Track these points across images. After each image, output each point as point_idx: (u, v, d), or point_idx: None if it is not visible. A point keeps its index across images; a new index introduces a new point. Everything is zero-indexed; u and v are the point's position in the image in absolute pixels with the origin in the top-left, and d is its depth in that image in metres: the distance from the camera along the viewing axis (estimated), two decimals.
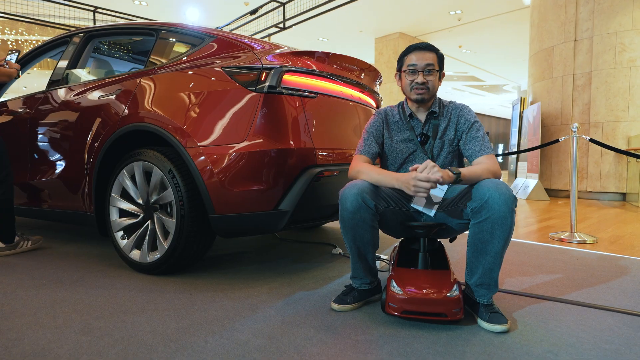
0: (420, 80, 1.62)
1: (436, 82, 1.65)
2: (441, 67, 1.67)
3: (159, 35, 2.32)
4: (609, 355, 1.25)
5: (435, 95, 1.70)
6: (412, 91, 1.65)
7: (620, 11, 5.95)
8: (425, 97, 1.65)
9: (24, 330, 1.38)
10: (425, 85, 1.62)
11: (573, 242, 3.02)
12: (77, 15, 8.83)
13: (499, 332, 1.39)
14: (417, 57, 1.63)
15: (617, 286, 1.95)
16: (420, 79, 1.62)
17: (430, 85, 1.63)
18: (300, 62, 2.00)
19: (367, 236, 1.52)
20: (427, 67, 1.62)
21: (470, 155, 1.63)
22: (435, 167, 1.41)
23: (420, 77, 1.62)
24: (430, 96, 1.66)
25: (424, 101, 1.66)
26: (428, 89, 1.63)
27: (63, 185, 2.49)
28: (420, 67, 1.62)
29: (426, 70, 1.62)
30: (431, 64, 1.62)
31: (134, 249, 2.07)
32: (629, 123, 6.01)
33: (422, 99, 1.65)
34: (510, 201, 1.37)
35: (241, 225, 1.87)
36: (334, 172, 1.97)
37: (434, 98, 1.71)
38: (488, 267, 1.44)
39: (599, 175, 6.24)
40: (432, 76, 1.63)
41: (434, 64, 1.63)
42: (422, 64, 1.62)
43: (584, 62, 6.29)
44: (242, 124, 1.82)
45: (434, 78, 1.64)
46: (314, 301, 1.68)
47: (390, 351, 1.25)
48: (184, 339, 1.32)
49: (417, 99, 1.65)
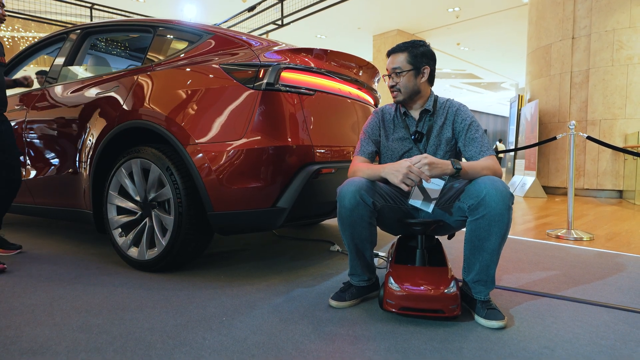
0: (389, 83, 1.68)
1: (408, 82, 1.64)
2: (417, 64, 1.64)
3: (157, 32, 2.31)
4: (605, 351, 1.26)
5: (418, 93, 1.67)
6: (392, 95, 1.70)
7: (618, 9, 5.96)
8: (399, 99, 1.68)
9: (22, 328, 1.38)
10: (394, 88, 1.67)
11: (570, 239, 3.04)
12: (74, 12, 8.79)
13: (495, 328, 1.40)
14: (388, 61, 1.70)
15: (613, 283, 1.96)
16: (389, 82, 1.68)
17: (400, 86, 1.65)
18: (298, 59, 2.00)
19: (365, 233, 1.52)
20: (394, 70, 1.66)
21: (470, 157, 1.60)
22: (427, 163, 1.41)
23: (390, 81, 1.68)
24: (405, 96, 1.67)
25: (403, 101, 1.70)
26: (399, 89, 1.66)
27: (60, 182, 2.48)
28: (389, 70, 1.68)
29: (394, 73, 1.66)
30: (397, 67, 1.65)
31: (132, 247, 2.07)
32: (626, 120, 6.03)
33: (397, 101, 1.70)
34: (507, 198, 1.37)
35: (239, 223, 1.87)
36: (332, 169, 1.97)
37: (419, 96, 1.68)
38: (485, 263, 1.45)
39: (596, 173, 6.26)
40: (400, 77, 1.65)
41: (400, 66, 1.64)
42: (390, 67, 1.68)
43: (581, 60, 6.30)
44: (240, 121, 1.82)
45: (403, 79, 1.65)
46: (312, 298, 1.69)
47: (388, 347, 1.26)
48: (182, 335, 1.33)
49: (395, 100, 1.71)
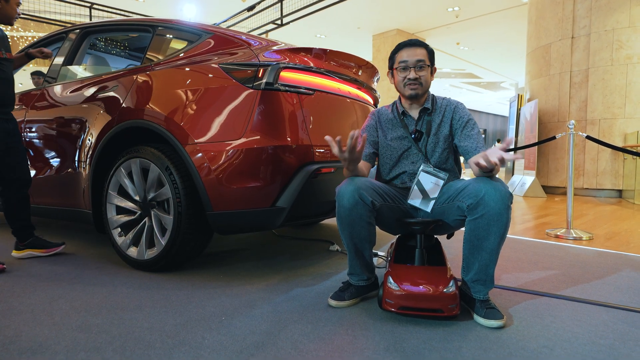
0: (412, 76, 1.64)
1: (428, 77, 1.67)
2: (432, 62, 1.68)
3: (156, 31, 2.31)
4: (604, 350, 1.26)
5: (428, 91, 1.71)
6: (406, 87, 1.66)
7: (618, 8, 5.96)
8: (419, 92, 1.66)
9: (22, 327, 1.38)
10: (417, 81, 1.64)
11: (569, 239, 3.04)
12: (73, 12, 8.78)
13: (494, 327, 1.40)
14: (408, 53, 1.65)
15: (612, 282, 1.96)
16: (412, 75, 1.64)
17: (422, 80, 1.65)
18: (297, 59, 2.00)
19: (364, 233, 1.52)
20: (418, 63, 1.64)
21: (467, 151, 1.63)
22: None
23: (412, 73, 1.64)
24: (423, 91, 1.67)
25: (418, 96, 1.67)
26: (421, 84, 1.65)
27: (60, 182, 2.48)
28: (412, 63, 1.64)
29: (417, 65, 1.64)
30: (422, 60, 1.64)
31: (131, 246, 2.07)
32: (625, 120, 6.03)
33: (416, 94, 1.66)
34: (506, 198, 1.37)
35: (238, 222, 1.87)
36: (331, 169, 1.97)
37: (427, 94, 1.72)
38: (484, 263, 1.45)
39: (596, 172, 6.27)
40: (423, 71, 1.65)
41: (424, 59, 1.64)
42: (413, 59, 1.64)
43: (581, 59, 6.30)
44: (239, 121, 1.82)
45: (425, 73, 1.65)
46: (312, 297, 1.69)
47: (387, 347, 1.26)
48: (181, 335, 1.33)
49: (411, 94, 1.67)
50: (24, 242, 2.30)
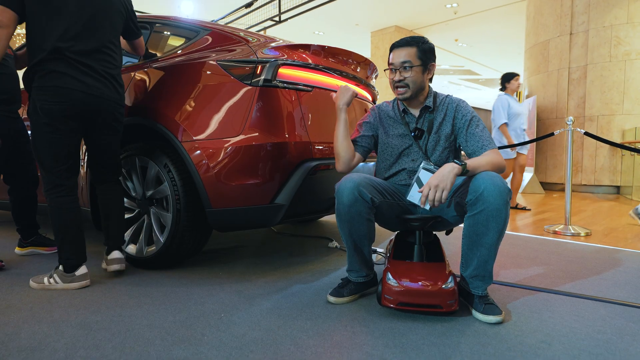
0: (396, 77, 1.62)
1: (417, 77, 1.62)
2: (425, 60, 1.63)
3: (153, 28, 2.30)
4: (602, 345, 1.26)
5: (423, 90, 1.67)
6: (394, 90, 1.66)
7: (616, 4, 5.96)
8: (405, 96, 1.64)
9: (21, 325, 1.38)
10: (403, 82, 1.62)
11: (567, 235, 3.05)
12: None
13: (493, 323, 1.41)
14: (394, 55, 1.64)
15: (610, 277, 1.97)
16: (397, 77, 1.62)
17: (408, 80, 1.61)
18: (295, 56, 1.99)
19: (363, 229, 1.53)
20: (402, 64, 1.61)
21: (472, 152, 1.59)
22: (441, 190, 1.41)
23: (397, 75, 1.62)
24: (413, 92, 1.64)
25: (406, 99, 1.66)
26: (407, 85, 1.62)
27: None
28: (397, 64, 1.62)
29: (402, 67, 1.61)
30: (407, 61, 1.60)
31: (130, 244, 2.07)
32: (623, 116, 6.04)
33: (403, 97, 1.65)
34: (504, 194, 1.37)
35: (237, 219, 1.87)
36: (330, 165, 1.97)
37: (423, 92, 1.67)
38: (483, 259, 1.45)
39: (594, 169, 6.28)
40: (409, 72, 1.61)
41: (410, 59, 1.60)
42: (397, 61, 1.62)
43: (579, 56, 6.30)
44: (237, 118, 1.82)
45: (412, 74, 1.61)
46: (311, 294, 1.69)
47: (386, 343, 1.27)
48: (181, 332, 1.33)
49: (399, 98, 1.66)
50: (27, 239, 2.33)
